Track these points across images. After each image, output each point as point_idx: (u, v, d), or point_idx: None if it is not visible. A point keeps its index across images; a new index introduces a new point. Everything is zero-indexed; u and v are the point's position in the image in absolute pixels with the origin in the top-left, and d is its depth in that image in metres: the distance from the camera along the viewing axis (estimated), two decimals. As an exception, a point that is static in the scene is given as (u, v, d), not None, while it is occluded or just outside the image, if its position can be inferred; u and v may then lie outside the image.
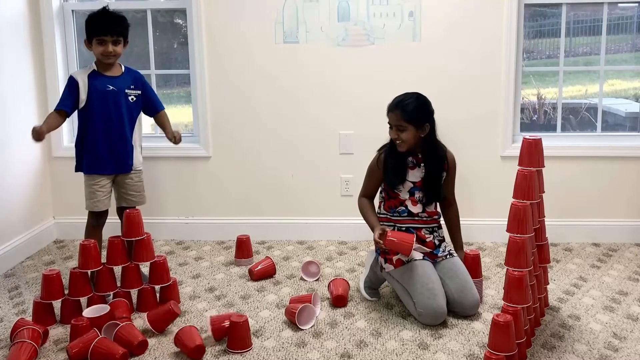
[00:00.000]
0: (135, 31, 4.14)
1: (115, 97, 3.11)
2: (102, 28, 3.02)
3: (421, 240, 2.92)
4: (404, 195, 2.94)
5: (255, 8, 3.73)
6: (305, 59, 3.77)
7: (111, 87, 3.11)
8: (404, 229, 2.92)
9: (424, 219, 2.95)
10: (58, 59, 3.86)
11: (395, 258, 2.86)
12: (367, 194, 3.07)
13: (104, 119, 3.10)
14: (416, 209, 2.93)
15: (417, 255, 2.86)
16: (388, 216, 2.98)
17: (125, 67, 3.21)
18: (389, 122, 2.92)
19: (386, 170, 2.95)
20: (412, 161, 2.93)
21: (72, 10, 3.89)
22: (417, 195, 2.93)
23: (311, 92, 3.81)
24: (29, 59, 3.76)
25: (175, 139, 3.29)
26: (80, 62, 3.97)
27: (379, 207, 3.05)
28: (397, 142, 2.89)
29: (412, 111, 2.85)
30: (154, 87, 4.01)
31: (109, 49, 3.03)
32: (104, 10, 3.09)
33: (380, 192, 3.05)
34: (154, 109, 3.31)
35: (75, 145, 3.19)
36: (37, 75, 3.83)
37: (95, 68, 3.11)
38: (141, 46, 3.96)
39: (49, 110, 3.87)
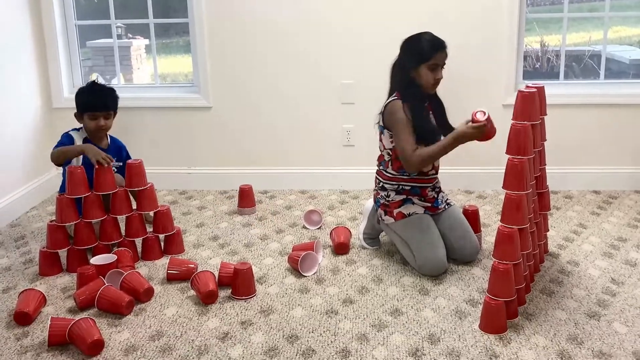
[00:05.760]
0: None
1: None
2: (94, 105, 3.10)
3: (423, 198, 2.88)
4: None
5: (255, -46, 3.66)
6: (307, 5, 3.71)
7: None
8: (408, 188, 2.84)
9: (431, 176, 2.87)
10: (55, 8, 3.81)
11: (396, 211, 2.84)
12: (414, 147, 2.72)
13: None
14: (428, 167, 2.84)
15: (418, 209, 2.86)
16: (396, 176, 2.84)
17: (110, 136, 3.24)
18: (435, 62, 2.74)
19: (420, 127, 2.74)
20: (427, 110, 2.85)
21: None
22: None
23: (312, 40, 3.76)
24: (25, 10, 3.71)
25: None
26: (77, 10, 3.93)
27: (386, 166, 2.86)
28: (436, 83, 2.78)
29: None
30: (152, 36, 3.98)
31: (100, 123, 3.11)
32: (94, 86, 3.18)
33: (388, 151, 2.85)
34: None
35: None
36: (34, 26, 3.79)
37: (87, 135, 3.15)
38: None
39: (48, 61, 3.89)
